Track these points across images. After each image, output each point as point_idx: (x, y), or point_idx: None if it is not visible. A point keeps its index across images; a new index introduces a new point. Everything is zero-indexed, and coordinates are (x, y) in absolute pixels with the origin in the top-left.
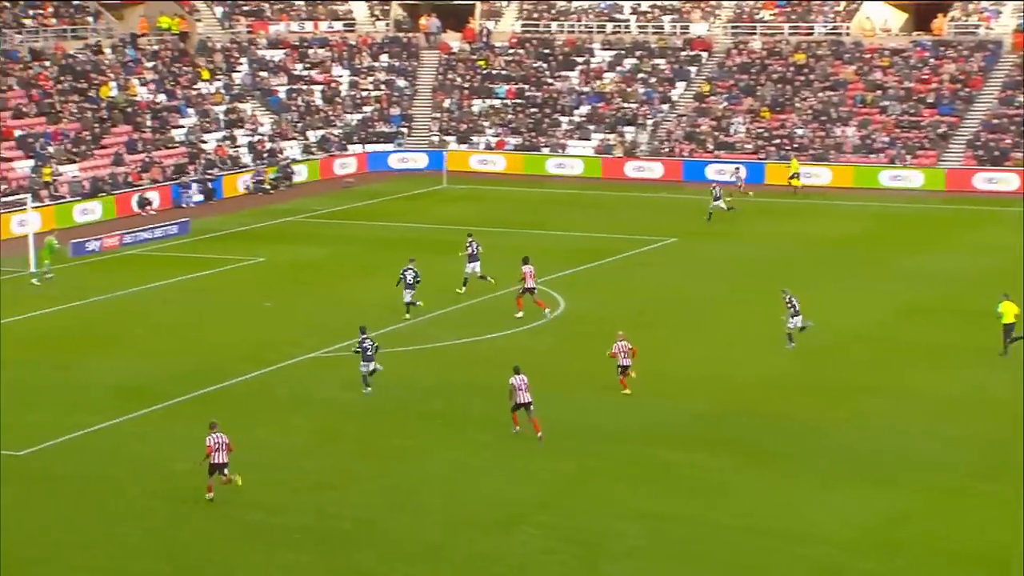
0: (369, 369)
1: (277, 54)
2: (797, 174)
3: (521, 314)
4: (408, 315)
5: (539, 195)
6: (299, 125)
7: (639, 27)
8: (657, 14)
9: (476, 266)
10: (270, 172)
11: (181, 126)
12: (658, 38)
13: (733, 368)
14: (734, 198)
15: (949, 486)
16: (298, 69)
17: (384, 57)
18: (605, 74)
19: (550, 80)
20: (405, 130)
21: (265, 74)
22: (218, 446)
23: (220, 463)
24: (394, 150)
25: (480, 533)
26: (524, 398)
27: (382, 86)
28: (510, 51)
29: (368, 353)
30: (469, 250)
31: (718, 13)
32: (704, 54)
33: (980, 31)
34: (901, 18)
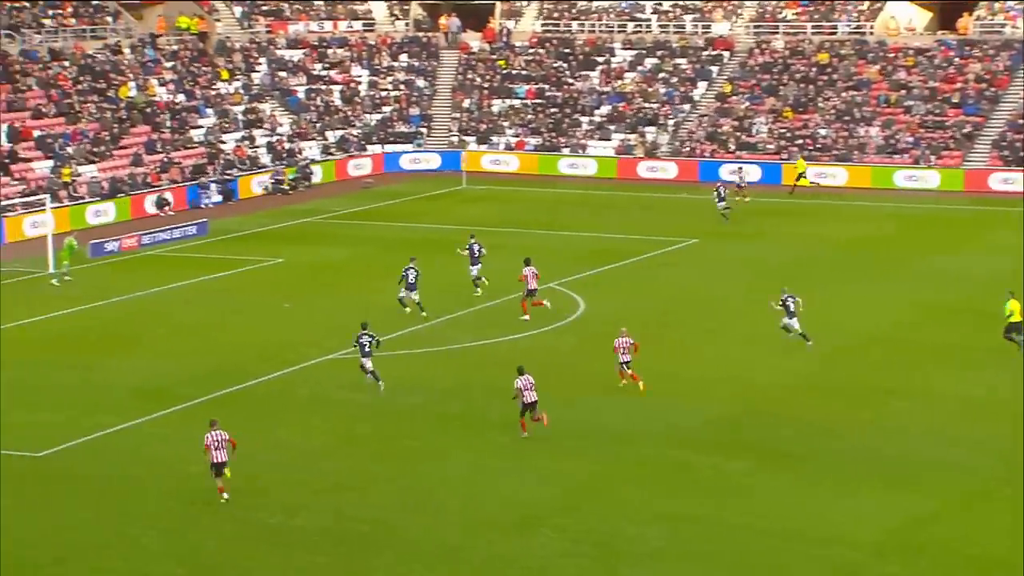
0: (369, 367)
1: (296, 54)
2: (803, 174)
3: (527, 318)
4: (408, 309)
5: (559, 196)
6: (318, 125)
7: (660, 26)
8: (678, 13)
9: (477, 267)
10: (289, 172)
11: (200, 126)
12: (679, 37)
13: (752, 369)
14: (727, 201)
15: (971, 489)
16: (317, 69)
17: (403, 57)
18: (626, 74)
19: (570, 80)
20: (424, 130)
21: (284, 74)
22: (217, 444)
23: (220, 462)
24: (408, 151)
25: (498, 535)
26: (530, 398)
27: (401, 86)
28: (530, 51)
29: (366, 349)
30: (468, 252)
31: (740, 12)
32: (726, 54)
33: (1006, 30)
34: (926, 17)
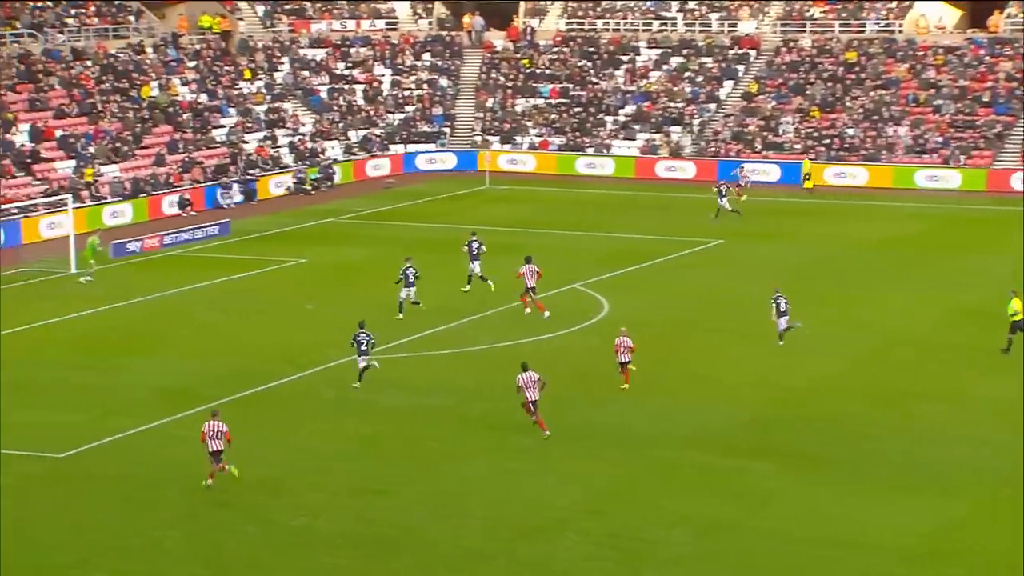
0: (364, 364)
1: (319, 53)
2: (809, 174)
3: (548, 314)
4: (401, 315)
5: (583, 196)
6: (340, 125)
7: (686, 25)
8: (704, 11)
9: (477, 265)
10: (310, 173)
11: (222, 126)
12: (705, 36)
13: (779, 372)
14: (729, 199)
15: (1004, 495)
16: (340, 68)
17: (426, 56)
18: (651, 73)
19: (595, 79)
20: (447, 130)
21: (306, 73)
22: (214, 434)
23: (216, 451)
24: (427, 150)
25: (521, 539)
26: (532, 395)
27: (424, 85)
28: (554, 50)
29: (362, 348)
30: (472, 249)
31: (767, 10)
32: (752, 52)
33: None
34: (956, 15)
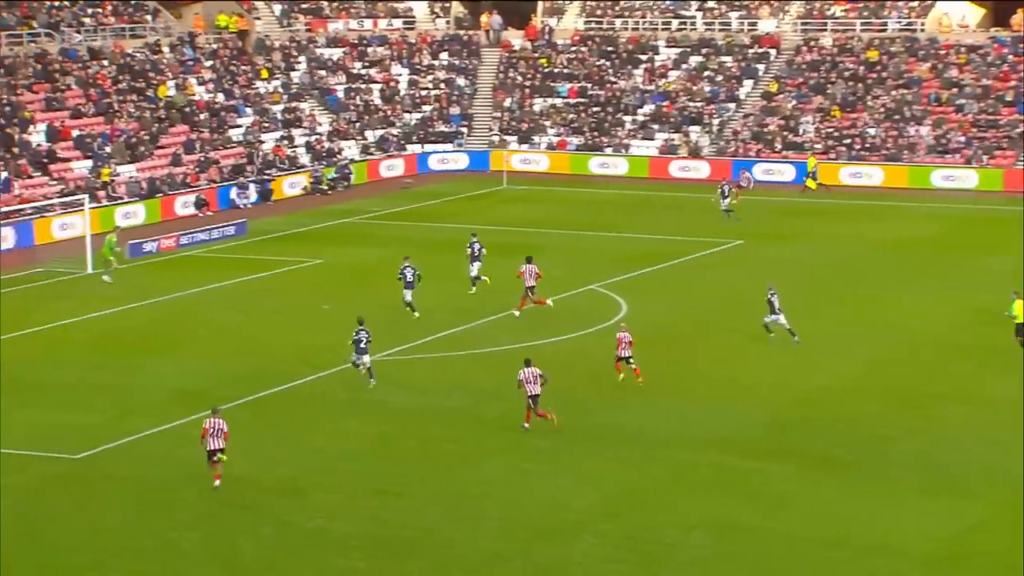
0: (363, 362)
1: (336, 52)
2: (813, 173)
3: (551, 303)
4: (417, 313)
5: (601, 196)
6: (357, 125)
7: (705, 24)
8: (724, 10)
9: (478, 266)
10: (327, 173)
11: (239, 126)
12: (725, 35)
13: (799, 373)
14: (731, 199)
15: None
16: (357, 68)
17: (444, 55)
18: (670, 72)
19: (613, 78)
20: (465, 130)
21: (323, 73)
22: (214, 431)
23: (215, 448)
24: (441, 151)
25: (539, 541)
26: (532, 391)
27: (442, 85)
28: (572, 49)
29: (361, 345)
30: (472, 250)
31: (787, 9)
32: (772, 51)
33: None
34: (979, 14)
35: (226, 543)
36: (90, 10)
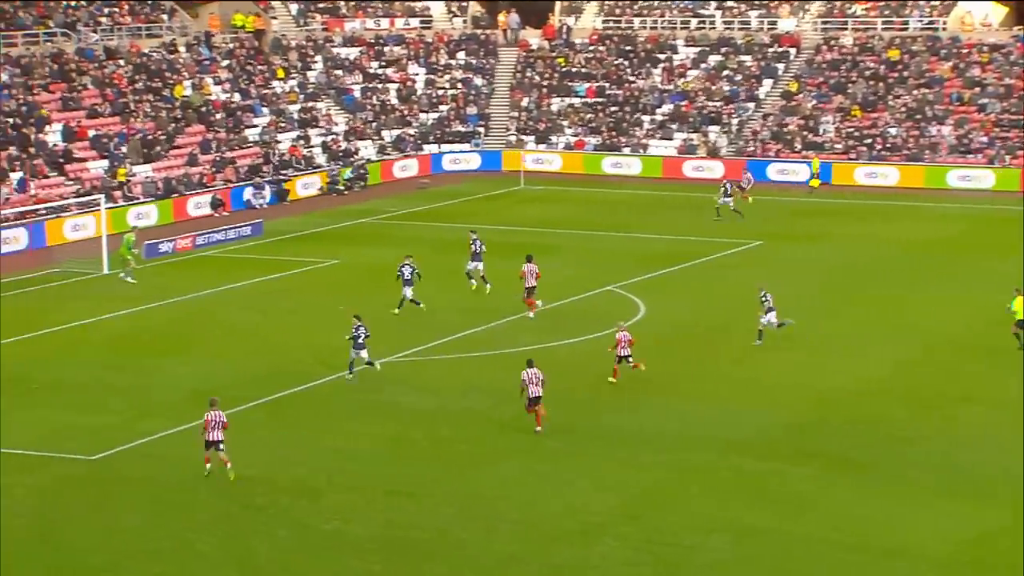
0: (359, 356)
1: (352, 52)
2: (816, 174)
3: (532, 315)
4: (398, 310)
5: (618, 196)
6: (374, 125)
7: (724, 23)
8: (743, 9)
9: (479, 264)
10: (343, 172)
11: (255, 125)
12: (744, 34)
13: (819, 375)
14: (734, 198)
15: None
16: (373, 67)
17: (461, 55)
18: (689, 71)
19: (631, 78)
20: (482, 130)
21: (340, 72)
22: (215, 424)
23: (215, 440)
24: (453, 151)
25: (558, 544)
26: (534, 392)
27: (459, 84)
28: (590, 48)
29: (359, 341)
30: (473, 248)
31: (807, 8)
32: (792, 50)
33: None
34: (1002, 12)
35: (242, 544)
36: (107, 9)
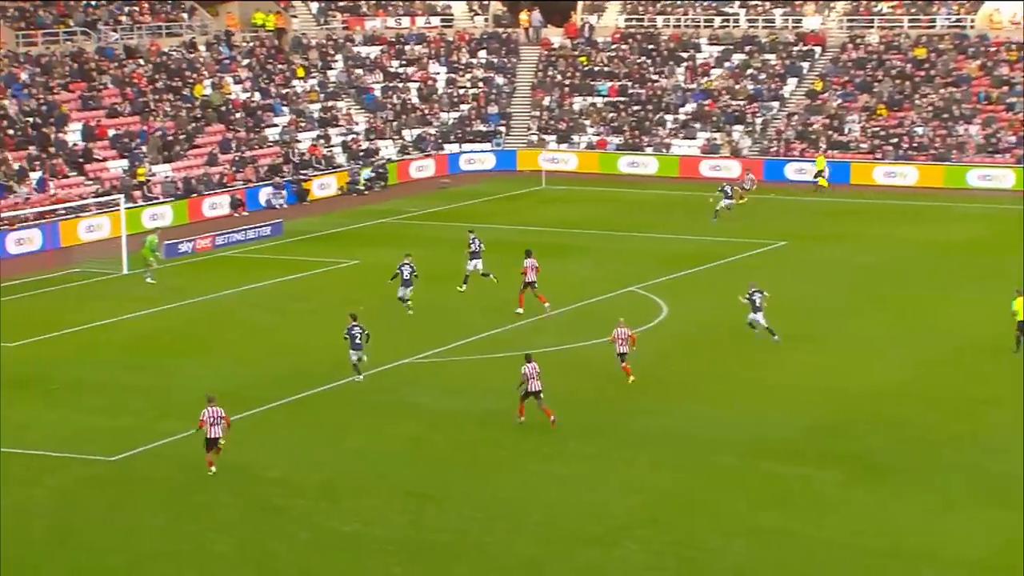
0: (356, 358)
1: (373, 51)
2: (822, 172)
3: (521, 310)
4: (411, 310)
5: (640, 196)
6: (394, 124)
7: (749, 21)
8: (768, 7)
9: (478, 263)
10: (363, 172)
11: (275, 125)
12: (769, 32)
13: (845, 377)
14: (734, 199)
15: None
16: (394, 66)
17: (482, 53)
18: (712, 70)
19: (654, 77)
20: (503, 129)
21: (360, 71)
22: (213, 420)
23: (214, 437)
24: (470, 150)
25: (580, 548)
26: (534, 386)
27: (480, 83)
28: (613, 47)
29: (356, 341)
30: (472, 247)
31: (833, 6)
32: (817, 49)
33: None
34: None
35: (261, 546)
36: (126, 8)
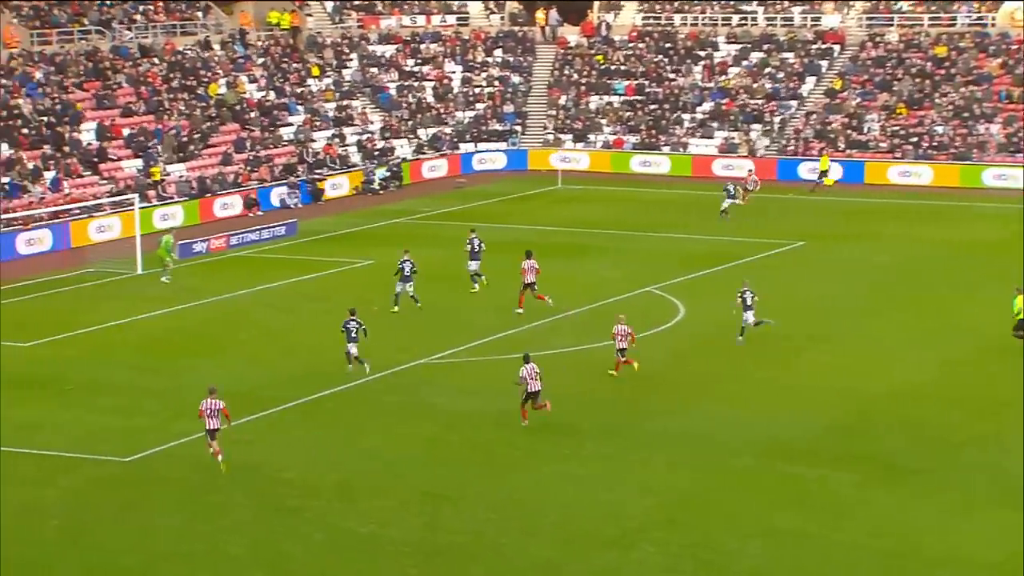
0: (354, 353)
1: (388, 50)
2: (826, 171)
3: (521, 311)
4: (396, 307)
5: (659, 196)
6: (410, 123)
7: (767, 19)
8: (786, 5)
9: (475, 264)
10: (379, 171)
11: (290, 124)
12: (787, 30)
13: (864, 378)
14: (738, 199)
15: None
16: (409, 65)
17: (498, 52)
18: (730, 69)
19: (671, 75)
20: (519, 128)
21: (375, 70)
22: (211, 411)
23: (213, 428)
24: (482, 150)
25: (596, 549)
26: (533, 387)
27: (496, 82)
28: (630, 45)
29: (352, 335)
30: (469, 247)
31: (852, 4)
32: (836, 47)
33: None
34: None
35: (275, 548)
36: (141, 7)
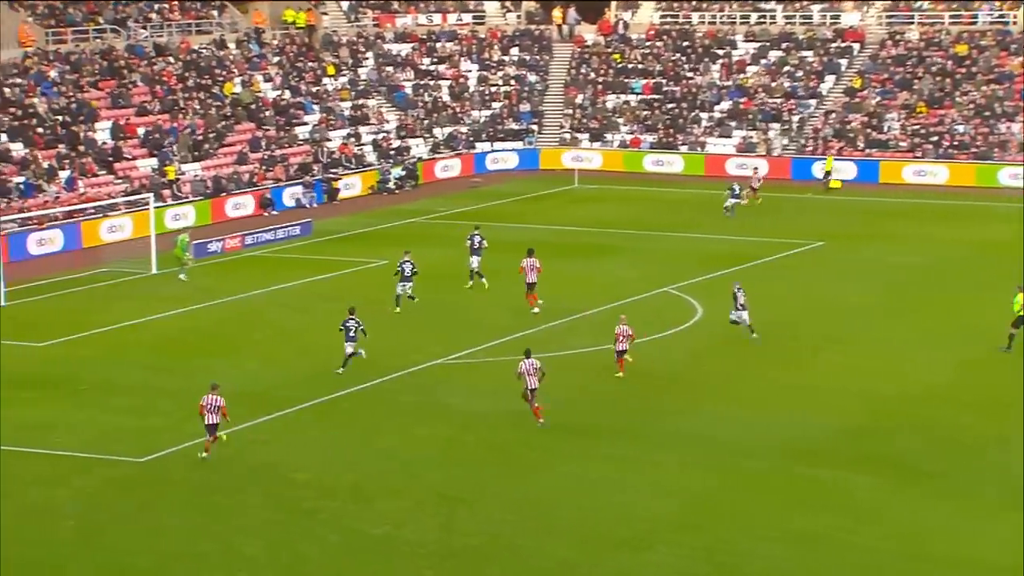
0: (351, 350)
1: (404, 48)
2: (830, 172)
3: (537, 310)
4: (398, 308)
5: (676, 195)
6: (425, 122)
7: (786, 17)
8: (805, 3)
9: (476, 260)
10: (395, 170)
11: (305, 123)
12: (806, 29)
13: (881, 379)
14: (742, 198)
15: None
16: (425, 64)
17: (514, 51)
18: (748, 67)
19: (689, 74)
20: (535, 127)
21: (391, 69)
22: (211, 407)
23: (212, 424)
24: (498, 149)
25: (613, 551)
26: (531, 383)
27: (512, 81)
28: (647, 43)
29: (351, 334)
30: (470, 243)
31: (872, 1)
32: (856, 45)
33: None
34: None
35: (290, 549)
36: (156, 6)
